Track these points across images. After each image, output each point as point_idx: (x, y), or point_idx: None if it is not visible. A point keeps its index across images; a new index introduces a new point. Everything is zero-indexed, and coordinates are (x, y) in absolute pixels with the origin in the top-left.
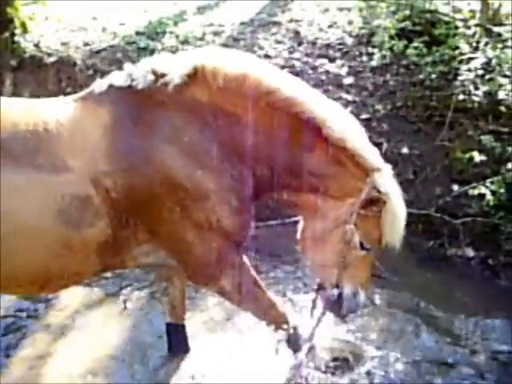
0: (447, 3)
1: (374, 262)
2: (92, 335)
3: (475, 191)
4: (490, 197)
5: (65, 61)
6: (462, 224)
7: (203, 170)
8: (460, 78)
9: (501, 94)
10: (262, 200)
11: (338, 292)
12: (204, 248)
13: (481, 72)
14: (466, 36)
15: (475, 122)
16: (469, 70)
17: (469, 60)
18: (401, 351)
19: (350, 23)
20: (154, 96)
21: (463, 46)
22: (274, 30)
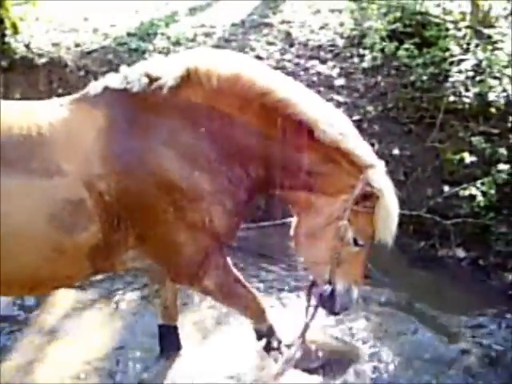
0: (438, 5)
1: (366, 258)
2: (84, 337)
3: (466, 192)
4: (480, 198)
5: (56, 62)
6: (452, 225)
7: (199, 172)
8: (451, 79)
9: (491, 96)
10: (256, 199)
11: (330, 288)
12: (192, 248)
13: (471, 74)
14: (456, 38)
15: (466, 123)
16: (459, 72)
17: (459, 62)
18: (393, 350)
19: (341, 25)
20: (149, 98)
21: (454, 47)
22: (265, 31)
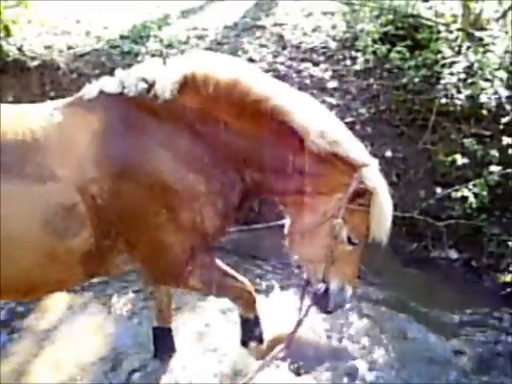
0: (430, 8)
1: (360, 258)
2: (77, 340)
3: (458, 194)
4: (472, 199)
5: (48, 64)
6: (445, 226)
7: (194, 174)
8: (442, 81)
9: (483, 98)
10: (251, 202)
11: (324, 287)
12: (179, 249)
13: (463, 76)
14: (448, 40)
15: (458, 125)
16: (451, 74)
17: (451, 64)
18: (386, 349)
19: (333, 27)
20: (145, 103)
21: (445, 50)
22: (258, 33)
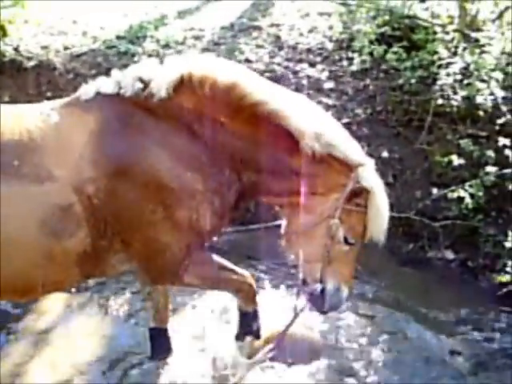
0: (426, 9)
1: (357, 258)
2: (74, 341)
3: (454, 194)
4: (468, 200)
5: (45, 65)
6: (441, 227)
7: (191, 172)
8: (439, 82)
9: (479, 99)
10: (248, 202)
11: (321, 287)
12: (175, 247)
13: (459, 77)
14: (444, 41)
15: (454, 126)
16: (447, 75)
17: (447, 65)
18: (383, 348)
19: (330, 28)
20: (142, 103)
21: (442, 51)
22: (254, 34)
